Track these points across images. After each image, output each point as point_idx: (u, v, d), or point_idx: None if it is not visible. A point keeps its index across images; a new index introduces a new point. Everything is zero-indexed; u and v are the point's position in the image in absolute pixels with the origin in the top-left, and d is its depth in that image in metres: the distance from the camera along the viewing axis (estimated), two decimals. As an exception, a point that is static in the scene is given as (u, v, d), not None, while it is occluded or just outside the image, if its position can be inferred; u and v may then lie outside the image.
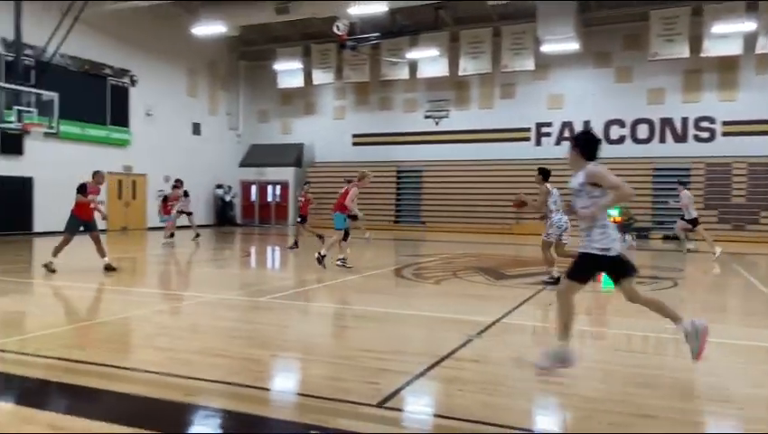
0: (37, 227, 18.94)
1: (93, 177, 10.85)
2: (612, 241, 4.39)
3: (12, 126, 16.90)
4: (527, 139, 24.80)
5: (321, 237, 13.85)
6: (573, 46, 21.90)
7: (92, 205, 10.54)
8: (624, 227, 18.73)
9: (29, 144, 18.82)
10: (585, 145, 4.57)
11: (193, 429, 3.59)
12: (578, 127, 23.90)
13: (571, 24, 21.02)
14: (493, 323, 6.42)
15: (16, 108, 16.82)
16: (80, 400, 3.97)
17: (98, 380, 4.27)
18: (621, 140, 23.41)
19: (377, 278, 10.40)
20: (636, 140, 23.29)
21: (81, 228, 10.51)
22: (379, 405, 3.78)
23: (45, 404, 3.87)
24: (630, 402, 3.92)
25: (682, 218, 14.44)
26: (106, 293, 8.84)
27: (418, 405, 4.02)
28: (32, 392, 4.15)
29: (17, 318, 6.92)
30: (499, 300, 8.34)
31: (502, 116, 25.05)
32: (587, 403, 3.93)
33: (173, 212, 16.47)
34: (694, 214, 14.20)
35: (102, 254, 10.37)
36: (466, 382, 4.33)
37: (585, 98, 23.79)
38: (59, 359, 4.80)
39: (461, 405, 3.84)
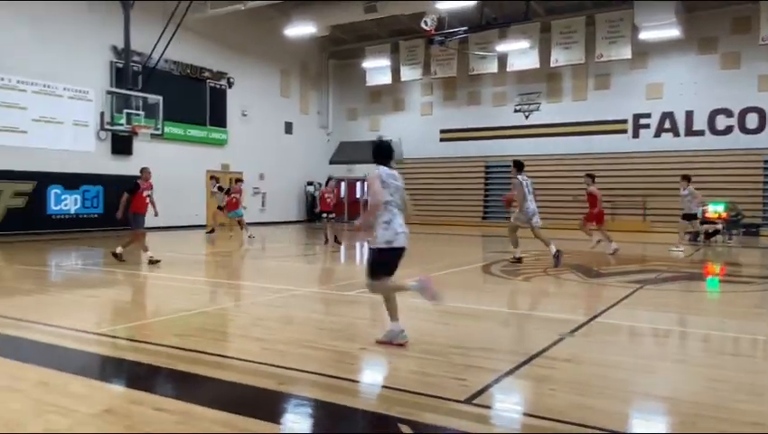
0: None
1: (141, 174, 11.24)
2: (395, 235, 4.99)
3: (122, 128, 18.20)
4: (623, 131, 23.71)
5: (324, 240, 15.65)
6: (674, 32, 20.74)
7: (147, 201, 11.11)
8: (732, 223, 17.57)
9: (137, 145, 20.11)
10: (374, 151, 5.28)
11: (287, 417, 3.71)
12: (680, 118, 22.60)
13: (672, 10, 19.90)
14: (587, 322, 6.22)
15: (126, 111, 18.08)
16: (183, 385, 4.22)
17: (198, 366, 4.51)
18: (728, 130, 21.89)
19: (465, 275, 10.33)
20: (745, 130, 21.66)
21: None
22: (467, 401, 3.76)
23: (152, 388, 4.13)
24: (735, 409, 3.68)
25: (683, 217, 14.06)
26: (204, 285, 9.31)
27: (507, 403, 3.96)
28: (141, 377, 4.45)
29: (126, 307, 7.44)
30: (592, 298, 8.07)
31: (597, 107, 24.11)
32: (690, 408, 3.73)
33: (241, 206, 17.14)
34: (694, 210, 14.03)
35: (125, 246, 11.02)
36: (558, 381, 4.22)
37: (688, 86, 22.43)
38: (163, 346, 5.11)
39: (552, 405, 3.74)
